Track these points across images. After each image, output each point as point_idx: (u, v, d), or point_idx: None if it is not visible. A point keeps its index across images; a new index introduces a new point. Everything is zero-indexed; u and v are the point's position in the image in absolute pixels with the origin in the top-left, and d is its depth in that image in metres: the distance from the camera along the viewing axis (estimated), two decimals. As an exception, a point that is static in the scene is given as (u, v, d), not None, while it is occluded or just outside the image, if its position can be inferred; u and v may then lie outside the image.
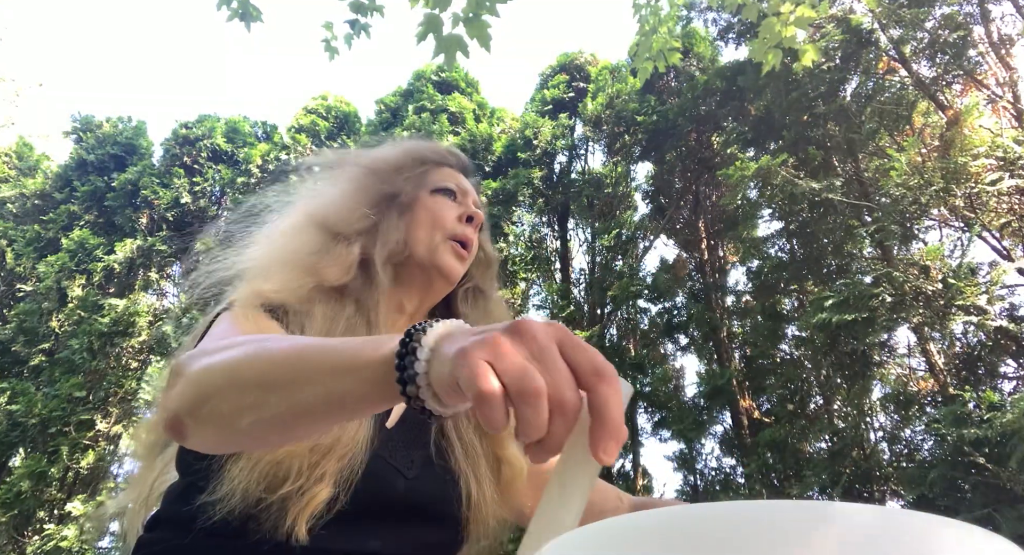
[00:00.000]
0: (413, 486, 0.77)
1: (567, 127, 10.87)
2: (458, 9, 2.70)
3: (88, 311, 9.50)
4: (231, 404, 0.54)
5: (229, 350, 0.58)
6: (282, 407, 0.51)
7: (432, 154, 1.01)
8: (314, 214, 0.93)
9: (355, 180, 0.97)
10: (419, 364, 0.44)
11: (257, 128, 11.94)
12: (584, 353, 0.40)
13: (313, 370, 0.50)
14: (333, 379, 0.49)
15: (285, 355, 0.54)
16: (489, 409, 0.38)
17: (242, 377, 0.55)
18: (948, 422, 5.48)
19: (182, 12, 77.68)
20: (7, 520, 8.18)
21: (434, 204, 0.95)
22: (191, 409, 0.57)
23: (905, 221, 6.65)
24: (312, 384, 0.50)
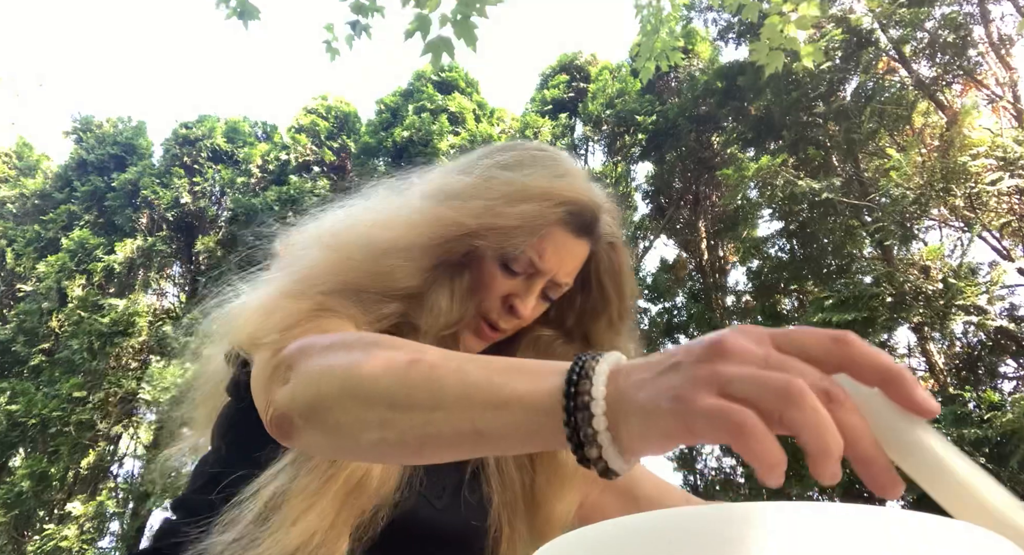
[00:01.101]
0: (440, 517, 0.71)
1: (567, 127, 10.87)
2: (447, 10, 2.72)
3: (88, 311, 9.50)
4: (352, 417, 0.48)
5: (349, 349, 0.52)
6: (413, 433, 0.45)
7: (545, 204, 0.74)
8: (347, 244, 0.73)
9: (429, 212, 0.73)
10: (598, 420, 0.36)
11: (257, 128, 11.94)
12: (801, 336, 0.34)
13: (451, 396, 0.44)
14: (474, 412, 0.42)
15: (416, 370, 0.47)
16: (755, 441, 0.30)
17: (366, 389, 0.48)
18: (948, 422, 5.48)
19: (182, 12, 77.67)
20: (7, 520, 8.18)
21: (487, 275, 0.76)
22: (304, 412, 0.51)
23: (905, 221, 6.65)
24: (449, 413, 0.43)
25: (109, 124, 11.82)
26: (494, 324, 0.78)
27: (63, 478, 8.70)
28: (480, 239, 0.73)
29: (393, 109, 11.32)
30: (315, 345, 0.55)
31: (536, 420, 0.39)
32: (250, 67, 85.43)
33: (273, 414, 0.54)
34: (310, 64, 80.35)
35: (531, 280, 0.77)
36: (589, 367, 0.38)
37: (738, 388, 0.32)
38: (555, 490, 0.79)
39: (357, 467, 0.64)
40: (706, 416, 0.32)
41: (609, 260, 0.83)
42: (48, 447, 8.69)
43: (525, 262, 0.76)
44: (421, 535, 0.70)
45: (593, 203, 0.78)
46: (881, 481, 0.31)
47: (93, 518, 8.19)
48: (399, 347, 0.50)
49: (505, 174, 0.76)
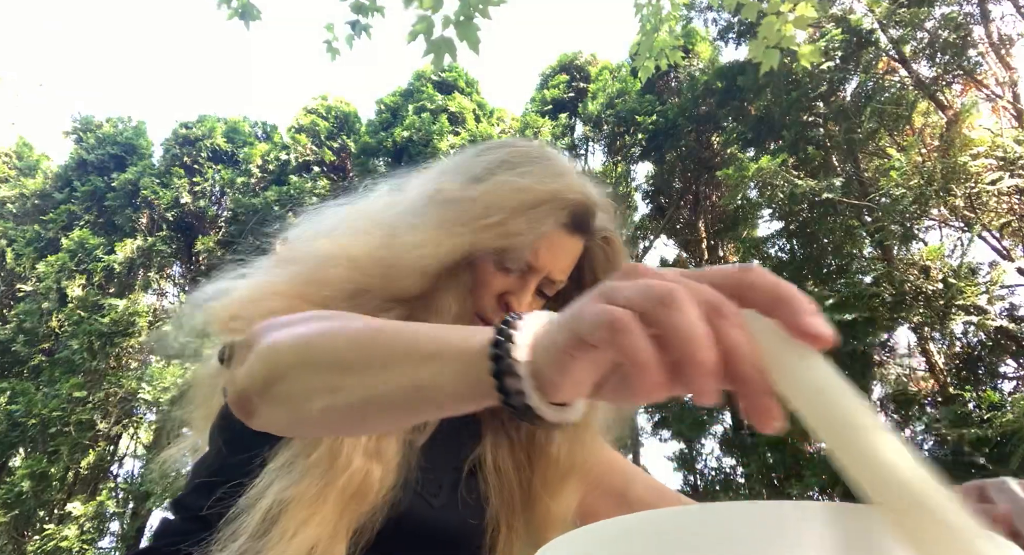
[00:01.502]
0: (438, 516, 0.71)
1: (567, 127, 10.88)
2: (450, 12, 2.71)
3: (88, 311, 9.50)
4: (303, 385, 0.49)
5: (303, 323, 0.53)
6: (358, 395, 0.46)
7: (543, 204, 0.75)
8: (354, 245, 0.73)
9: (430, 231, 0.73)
10: (518, 350, 0.37)
11: (257, 128, 11.95)
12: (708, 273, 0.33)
13: (395, 354, 0.45)
14: (416, 368, 0.43)
15: (364, 334, 0.48)
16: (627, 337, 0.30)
17: (316, 355, 0.49)
18: (948, 422, 5.48)
19: (182, 12, 77.64)
20: (7, 520, 8.18)
21: (484, 274, 0.77)
22: (261, 388, 0.52)
23: (905, 221, 6.66)
24: (392, 371, 0.44)
25: (109, 124, 11.83)
26: (489, 322, 0.77)
27: (63, 478, 8.70)
28: (487, 245, 0.74)
29: (393, 109, 11.32)
30: (275, 323, 0.55)
31: (467, 366, 0.40)
32: (250, 67, 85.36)
33: (232, 395, 0.55)
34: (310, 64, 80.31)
35: (526, 278, 0.78)
36: (517, 319, 0.39)
37: (623, 295, 0.32)
38: (552, 489, 0.79)
39: (357, 470, 0.64)
40: (589, 318, 0.32)
41: (604, 254, 0.83)
42: (48, 447, 8.69)
43: (521, 261, 0.77)
44: (419, 534, 0.70)
45: (590, 201, 0.79)
46: (756, 406, 0.30)
47: (93, 518, 8.19)
48: (353, 318, 0.52)
49: (507, 178, 0.77)
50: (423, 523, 0.70)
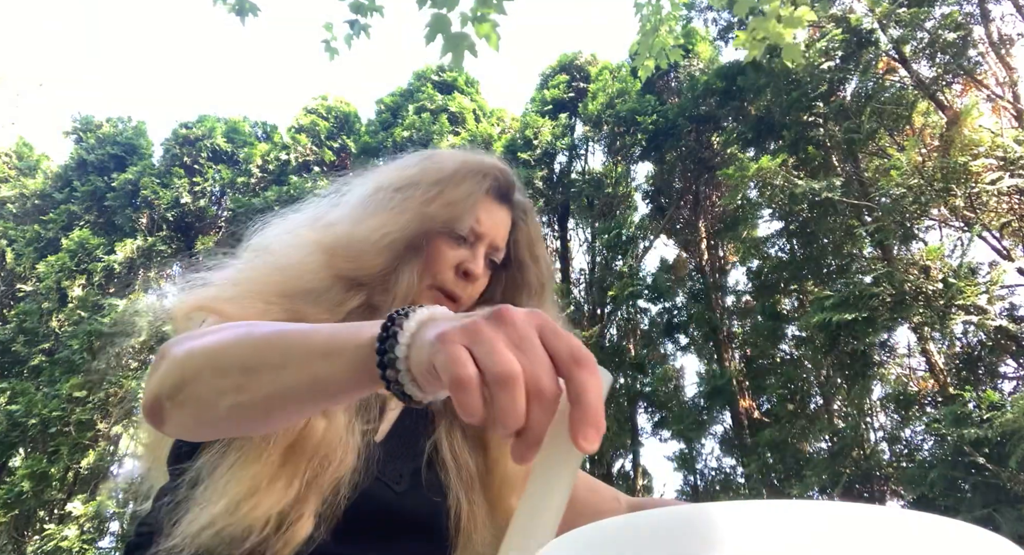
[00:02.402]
0: (401, 501, 0.74)
1: (567, 127, 10.88)
2: (466, 8, 2.69)
3: (88, 311, 9.50)
4: (211, 387, 0.53)
5: (215, 334, 0.57)
6: (262, 391, 0.51)
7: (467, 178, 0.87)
8: (323, 242, 0.81)
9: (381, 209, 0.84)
10: (399, 348, 0.43)
11: (257, 128, 11.95)
12: (563, 340, 0.39)
13: (295, 353, 0.50)
14: (314, 362, 0.48)
15: (267, 338, 0.53)
16: (464, 394, 0.37)
17: (223, 359, 0.54)
18: (948, 422, 5.48)
19: (182, 12, 77.66)
20: (7, 520, 8.18)
21: (436, 250, 0.85)
22: (171, 392, 0.56)
23: (905, 221, 6.66)
24: (292, 367, 0.49)
25: (109, 124, 11.83)
26: (451, 294, 0.86)
27: (63, 478, 8.70)
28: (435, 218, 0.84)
29: (393, 109, 11.32)
30: (189, 335, 0.60)
31: (358, 360, 0.46)
32: (250, 67, 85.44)
33: (145, 401, 0.58)
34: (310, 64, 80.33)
35: (476, 246, 0.88)
36: (410, 310, 0.45)
37: (478, 351, 0.38)
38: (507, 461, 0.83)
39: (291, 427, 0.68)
40: (442, 359, 0.39)
41: (525, 227, 0.94)
42: (48, 447, 8.69)
43: (467, 229, 0.87)
44: (383, 519, 0.73)
45: (506, 171, 0.93)
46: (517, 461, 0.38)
47: (93, 518, 8.19)
48: (258, 324, 0.57)
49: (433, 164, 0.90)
50: (387, 508, 0.73)
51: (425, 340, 0.42)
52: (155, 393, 0.57)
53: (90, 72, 75.67)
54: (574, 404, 0.37)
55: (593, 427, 0.37)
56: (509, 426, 0.37)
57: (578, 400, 0.37)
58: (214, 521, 0.63)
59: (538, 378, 0.37)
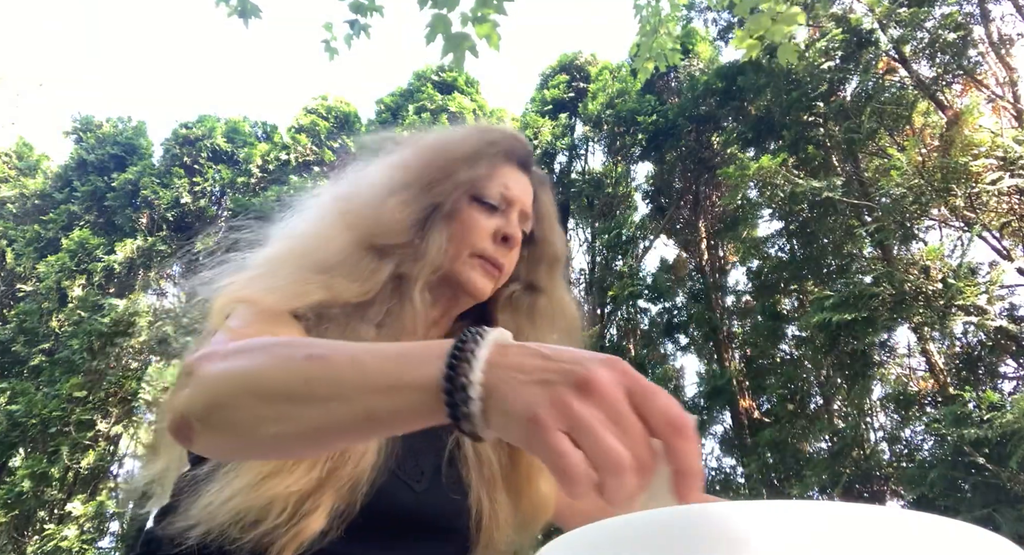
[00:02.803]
0: (421, 500, 0.72)
1: (567, 127, 10.87)
2: (466, 9, 2.69)
3: (88, 311, 9.50)
4: (251, 414, 0.51)
5: (248, 353, 0.54)
6: (310, 424, 0.48)
7: (488, 149, 0.88)
8: (348, 215, 0.81)
9: (403, 181, 0.84)
10: (473, 404, 0.41)
11: (257, 128, 11.94)
12: (655, 403, 0.38)
13: (345, 386, 0.47)
14: (367, 397, 0.46)
15: (312, 364, 0.49)
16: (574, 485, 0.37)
17: (264, 386, 0.51)
18: (948, 422, 5.48)
19: (182, 12, 77.69)
20: (7, 520, 8.18)
21: (470, 218, 0.85)
22: (202, 414, 0.53)
23: (905, 221, 6.65)
24: (344, 401, 0.46)
25: (109, 124, 11.82)
26: (494, 261, 0.85)
27: (63, 478, 8.70)
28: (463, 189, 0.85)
29: (393, 109, 11.32)
30: (216, 352, 0.57)
31: (421, 402, 0.44)
32: (250, 67, 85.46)
33: (171, 419, 0.56)
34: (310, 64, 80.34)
35: (508, 212, 0.88)
36: (469, 350, 0.42)
37: (581, 437, 0.37)
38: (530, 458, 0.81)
39: None
40: (546, 450, 0.37)
41: (546, 200, 0.95)
42: (48, 447, 8.69)
43: (497, 195, 0.87)
44: (402, 519, 0.71)
45: (524, 140, 0.94)
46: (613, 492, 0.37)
47: (93, 518, 8.19)
48: (295, 345, 0.53)
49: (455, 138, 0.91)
50: (405, 508, 0.71)
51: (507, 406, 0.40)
52: (183, 413, 0.55)
53: (90, 72, 75.71)
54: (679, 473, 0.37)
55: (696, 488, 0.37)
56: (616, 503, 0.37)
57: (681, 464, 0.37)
58: (235, 494, 0.62)
59: (641, 457, 0.37)
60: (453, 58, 2.69)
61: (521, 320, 0.90)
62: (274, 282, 0.73)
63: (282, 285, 0.73)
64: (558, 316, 0.93)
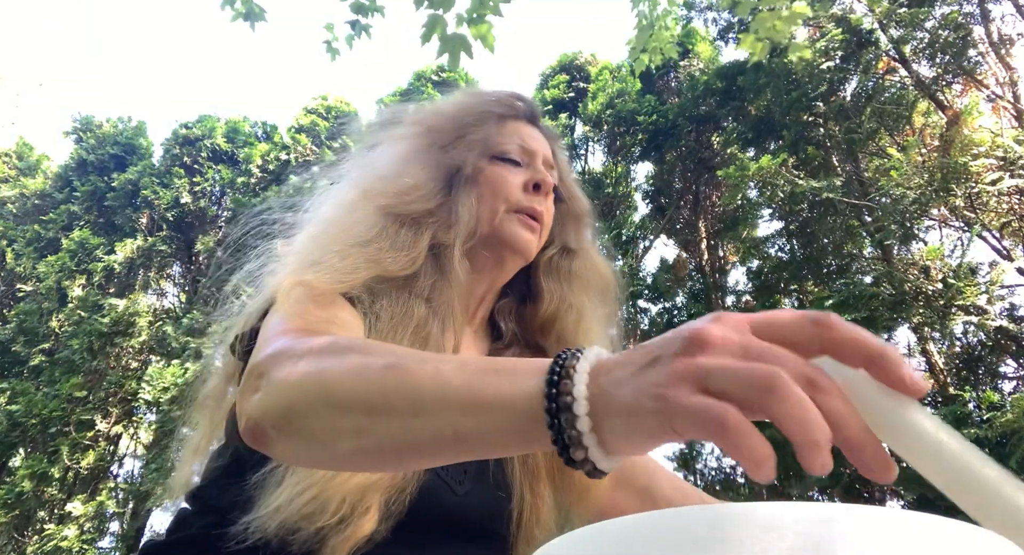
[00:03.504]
0: (462, 503, 0.71)
1: (567, 127, 10.87)
2: (462, 10, 2.69)
3: (88, 311, 9.50)
4: (328, 425, 0.47)
5: (322, 356, 0.51)
6: (391, 440, 0.44)
7: (495, 107, 0.88)
8: (371, 191, 0.80)
9: (417, 149, 0.85)
10: (581, 422, 0.36)
11: (257, 128, 11.94)
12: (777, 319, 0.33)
13: (429, 401, 0.43)
14: (453, 416, 0.41)
15: (391, 375, 0.45)
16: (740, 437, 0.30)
17: (341, 396, 0.47)
18: (948, 422, 5.47)
19: (182, 12, 77.71)
20: (7, 520, 8.18)
21: (495, 175, 0.83)
22: (277, 421, 0.50)
23: (905, 221, 6.66)
24: (428, 417, 0.42)
25: (109, 124, 11.82)
26: (532, 211, 0.83)
27: (63, 478, 8.70)
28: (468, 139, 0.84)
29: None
30: (288, 352, 0.54)
31: (518, 423, 0.39)
32: (250, 67, 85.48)
33: (246, 424, 0.53)
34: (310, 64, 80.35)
35: (532, 163, 0.87)
36: (570, 366, 0.37)
37: (718, 383, 0.31)
38: None
39: None
40: (688, 415, 0.31)
41: (560, 155, 0.93)
42: (48, 447, 8.69)
43: (516, 149, 0.86)
44: (443, 520, 0.70)
45: (528, 98, 0.93)
46: (873, 466, 0.31)
47: (93, 518, 8.19)
48: (373, 352, 0.49)
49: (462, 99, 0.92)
50: (446, 510, 0.70)
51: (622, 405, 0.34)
52: (257, 419, 0.52)
53: (90, 72, 75.69)
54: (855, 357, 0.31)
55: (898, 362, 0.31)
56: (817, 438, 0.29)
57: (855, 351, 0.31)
58: (314, 484, 0.61)
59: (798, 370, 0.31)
60: (448, 58, 2.70)
61: (563, 285, 0.88)
62: (322, 263, 0.71)
63: (331, 265, 0.71)
64: (593, 277, 0.91)
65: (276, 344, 0.56)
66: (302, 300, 0.66)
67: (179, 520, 0.73)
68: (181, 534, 0.70)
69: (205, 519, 0.69)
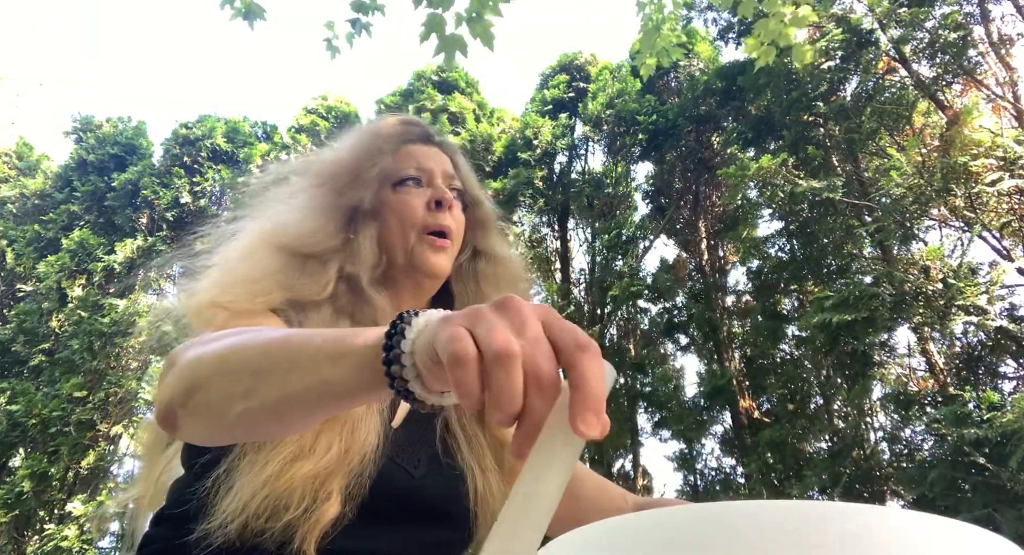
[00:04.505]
0: (420, 485, 0.75)
1: (567, 127, 10.88)
2: (461, 9, 2.69)
3: (88, 311, 9.50)
4: (221, 392, 0.53)
5: (222, 339, 0.57)
6: (272, 395, 0.51)
7: (385, 141, 0.91)
8: (271, 236, 0.83)
9: (313, 197, 0.88)
10: (406, 343, 0.43)
11: (257, 128, 11.94)
12: (567, 330, 0.38)
13: (303, 356, 0.50)
14: (321, 365, 0.48)
15: (276, 342, 0.53)
16: (461, 371, 0.36)
17: (232, 365, 0.54)
18: (948, 422, 5.48)
19: (183, 12, 77.72)
20: (8, 520, 8.18)
21: (398, 201, 0.87)
22: (182, 399, 0.56)
23: (905, 221, 6.66)
24: (301, 370, 0.49)
25: (109, 124, 11.82)
26: (438, 229, 0.87)
27: (63, 478, 8.70)
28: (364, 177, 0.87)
29: (393, 109, 11.32)
30: (197, 341, 0.60)
31: (364, 368, 0.46)
32: (250, 67, 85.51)
33: (157, 409, 0.58)
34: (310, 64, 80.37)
35: (432, 180, 0.90)
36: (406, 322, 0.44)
37: (478, 331, 0.37)
38: None
39: None
40: (443, 338, 0.38)
41: (464, 165, 0.97)
42: (48, 447, 8.69)
43: (412, 171, 0.89)
44: (404, 503, 0.74)
45: (415, 120, 0.98)
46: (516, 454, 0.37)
47: (93, 518, 8.19)
48: (264, 330, 0.57)
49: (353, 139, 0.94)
50: (406, 493, 0.74)
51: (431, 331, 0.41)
52: (166, 401, 0.57)
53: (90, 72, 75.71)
54: (575, 389, 0.36)
55: (593, 412, 0.35)
56: (504, 407, 0.36)
57: (579, 385, 0.36)
58: (265, 483, 0.64)
59: (536, 361, 0.37)
60: (445, 58, 2.69)
61: (471, 287, 0.93)
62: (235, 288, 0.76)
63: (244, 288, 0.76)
64: (500, 275, 0.95)
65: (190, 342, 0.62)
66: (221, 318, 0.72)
67: (145, 537, 0.75)
68: (146, 551, 0.72)
69: (166, 531, 0.71)
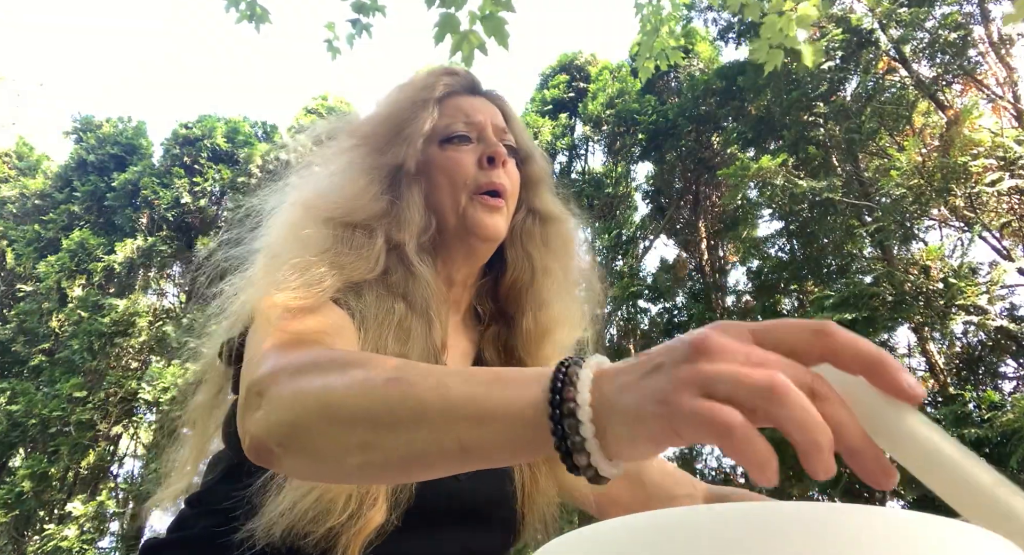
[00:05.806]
0: (465, 488, 0.71)
1: (567, 127, 10.88)
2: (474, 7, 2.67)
3: (88, 311, 9.50)
4: (333, 441, 0.47)
5: (322, 371, 0.51)
6: (397, 453, 0.44)
7: (428, 92, 0.84)
8: (315, 207, 0.78)
9: (352, 159, 0.83)
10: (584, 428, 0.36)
11: (257, 128, 11.95)
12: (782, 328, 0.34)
13: (432, 412, 0.43)
14: (457, 427, 0.42)
15: (392, 388, 0.45)
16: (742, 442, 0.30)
17: (345, 412, 0.47)
18: (948, 422, 5.48)
19: (182, 12, 77.74)
20: (8, 520, 8.18)
21: (446, 159, 0.81)
22: (281, 439, 0.50)
23: (905, 221, 6.66)
24: (431, 428, 0.43)
25: (109, 124, 11.83)
26: (491, 188, 0.80)
27: (63, 478, 8.71)
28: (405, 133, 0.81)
29: (393, 109, 11.33)
30: (286, 368, 0.53)
31: (522, 431, 0.39)
32: (250, 67, 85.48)
33: (250, 442, 0.53)
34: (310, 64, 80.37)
35: (483, 135, 0.83)
36: (572, 373, 0.38)
37: (722, 388, 0.31)
38: None
39: None
40: (691, 419, 0.31)
41: (512, 116, 0.90)
42: (48, 447, 8.69)
43: (460, 126, 0.83)
44: (449, 506, 0.71)
45: (460, 70, 0.89)
46: (873, 472, 0.31)
47: (93, 518, 8.19)
48: (374, 365, 0.49)
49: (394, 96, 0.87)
50: (450, 496, 0.71)
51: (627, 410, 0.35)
52: (260, 438, 0.51)
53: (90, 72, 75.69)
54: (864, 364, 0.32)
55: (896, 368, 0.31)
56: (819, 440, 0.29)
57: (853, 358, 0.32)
58: (315, 486, 0.61)
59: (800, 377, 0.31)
60: (462, 57, 2.68)
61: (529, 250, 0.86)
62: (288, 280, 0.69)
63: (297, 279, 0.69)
64: (556, 236, 0.89)
65: (271, 360, 0.56)
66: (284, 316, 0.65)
67: (180, 520, 0.73)
68: (183, 533, 0.70)
69: (207, 520, 0.69)
